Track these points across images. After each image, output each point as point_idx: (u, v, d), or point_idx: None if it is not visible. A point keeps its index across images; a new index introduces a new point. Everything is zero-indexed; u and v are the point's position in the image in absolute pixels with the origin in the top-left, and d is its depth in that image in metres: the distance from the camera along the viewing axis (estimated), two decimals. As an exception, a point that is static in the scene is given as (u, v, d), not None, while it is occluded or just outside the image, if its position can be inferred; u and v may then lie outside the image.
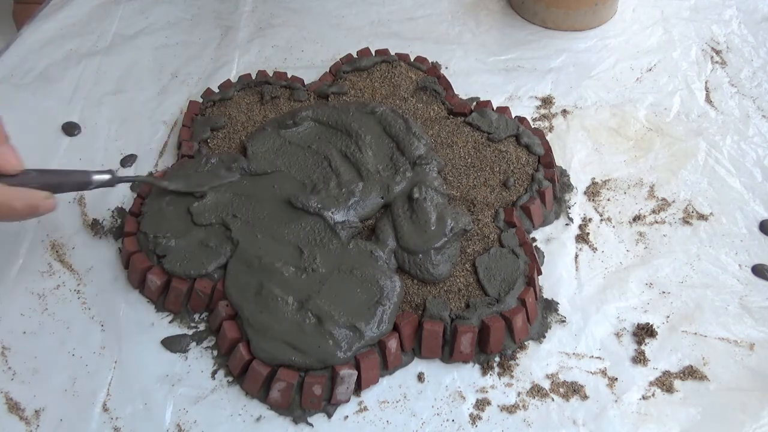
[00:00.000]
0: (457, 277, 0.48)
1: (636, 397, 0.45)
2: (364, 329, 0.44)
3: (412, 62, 0.65)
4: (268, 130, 0.57)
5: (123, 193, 0.57)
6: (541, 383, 0.45)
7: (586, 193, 0.57)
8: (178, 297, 0.48)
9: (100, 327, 0.48)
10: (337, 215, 0.50)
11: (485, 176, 0.55)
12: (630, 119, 0.63)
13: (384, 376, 0.46)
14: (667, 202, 0.56)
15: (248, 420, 0.44)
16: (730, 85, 0.66)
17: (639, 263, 0.52)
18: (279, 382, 0.43)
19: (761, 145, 0.60)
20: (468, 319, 0.46)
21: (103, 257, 0.52)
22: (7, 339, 0.48)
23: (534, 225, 0.54)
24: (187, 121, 0.60)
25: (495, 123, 0.58)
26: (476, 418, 0.44)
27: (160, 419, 0.44)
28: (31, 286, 0.51)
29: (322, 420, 0.44)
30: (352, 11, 0.75)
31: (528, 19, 0.74)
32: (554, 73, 0.67)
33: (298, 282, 0.47)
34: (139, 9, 0.75)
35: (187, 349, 0.47)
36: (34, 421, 0.44)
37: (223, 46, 0.71)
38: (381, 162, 0.54)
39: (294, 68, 0.67)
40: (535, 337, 0.48)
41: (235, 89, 0.62)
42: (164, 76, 0.68)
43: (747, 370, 0.46)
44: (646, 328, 0.48)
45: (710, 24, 0.73)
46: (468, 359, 0.46)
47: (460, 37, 0.72)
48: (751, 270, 0.52)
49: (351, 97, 0.62)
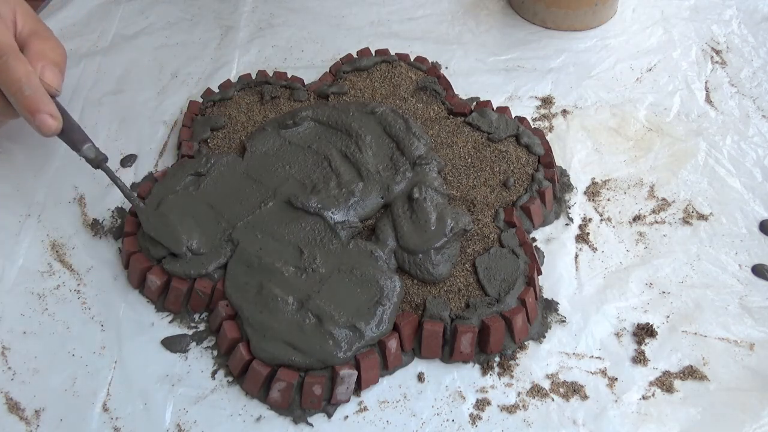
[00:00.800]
0: (457, 277, 0.49)
1: (636, 397, 0.45)
2: (364, 329, 0.44)
3: (412, 62, 0.65)
4: (268, 130, 0.57)
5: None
6: (541, 383, 0.45)
7: (586, 193, 0.57)
8: (178, 297, 0.48)
9: (100, 327, 0.48)
10: (337, 215, 0.50)
11: (485, 176, 0.55)
12: (630, 119, 0.63)
13: (384, 376, 0.46)
14: (667, 202, 0.56)
15: (248, 420, 0.44)
16: (730, 85, 0.66)
17: (639, 263, 0.52)
18: (279, 382, 0.43)
19: (761, 145, 0.60)
20: (468, 319, 0.46)
21: (103, 257, 0.52)
22: (7, 339, 0.48)
23: (534, 225, 0.54)
24: (187, 121, 0.60)
25: (495, 123, 0.58)
26: (476, 418, 0.44)
27: (160, 419, 0.44)
28: (31, 286, 0.51)
29: (322, 420, 0.44)
30: (352, 11, 0.75)
31: (528, 19, 0.73)
32: (554, 73, 0.67)
33: (298, 282, 0.47)
34: (139, 9, 0.75)
35: (187, 349, 0.47)
36: (34, 421, 0.44)
37: (223, 46, 0.71)
38: (381, 162, 0.54)
39: (294, 68, 0.67)
40: (535, 337, 0.48)
41: (235, 89, 0.62)
42: (164, 76, 0.68)
43: (747, 370, 0.46)
44: (646, 328, 0.48)
45: (710, 24, 0.73)
46: (468, 359, 0.46)
47: (460, 37, 0.72)
48: (751, 270, 0.52)
49: (351, 97, 0.62)
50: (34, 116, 0.46)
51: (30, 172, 0.58)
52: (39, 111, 0.46)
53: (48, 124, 0.47)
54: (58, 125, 0.47)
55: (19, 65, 0.46)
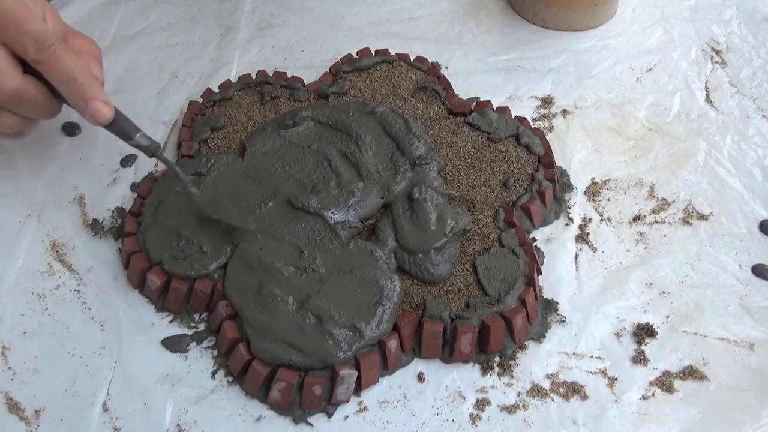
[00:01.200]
0: (457, 277, 0.48)
1: (636, 397, 0.45)
2: (364, 329, 0.44)
3: (412, 62, 0.65)
4: (268, 130, 0.57)
5: (123, 193, 0.57)
6: (541, 383, 0.45)
7: (586, 193, 0.57)
8: (178, 297, 0.48)
9: (100, 327, 0.48)
10: (337, 215, 0.50)
11: (485, 176, 0.55)
12: (630, 119, 0.63)
13: (384, 376, 0.46)
14: (667, 202, 0.56)
15: (248, 420, 0.44)
16: (730, 85, 0.66)
17: (639, 263, 0.52)
18: (279, 382, 0.43)
19: (761, 145, 0.60)
20: (468, 319, 0.46)
21: (103, 257, 0.52)
22: (7, 339, 0.48)
23: (534, 225, 0.54)
24: (187, 121, 0.60)
25: (495, 123, 0.58)
26: (476, 418, 0.44)
27: (160, 419, 0.44)
28: (31, 286, 0.51)
29: (322, 420, 0.44)
30: (352, 11, 0.75)
31: (528, 19, 0.73)
32: (554, 73, 0.67)
33: (298, 282, 0.47)
34: (139, 9, 0.75)
35: (187, 349, 0.47)
36: (34, 421, 0.44)
37: (223, 46, 0.71)
38: (381, 162, 0.54)
39: (294, 68, 0.67)
40: (535, 337, 0.48)
41: (235, 89, 0.62)
42: (164, 76, 0.68)
43: (747, 370, 0.46)
44: (646, 328, 0.48)
45: (710, 24, 0.73)
46: (468, 359, 0.46)
47: (460, 37, 0.72)
48: (751, 270, 0.52)
49: (351, 97, 0.62)
50: (88, 103, 0.46)
51: (30, 172, 0.58)
52: (93, 98, 0.46)
53: (103, 112, 0.47)
54: (112, 113, 0.47)
55: (68, 55, 0.46)
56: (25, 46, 0.44)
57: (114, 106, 0.48)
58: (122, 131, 0.49)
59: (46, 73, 0.46)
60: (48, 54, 0.44)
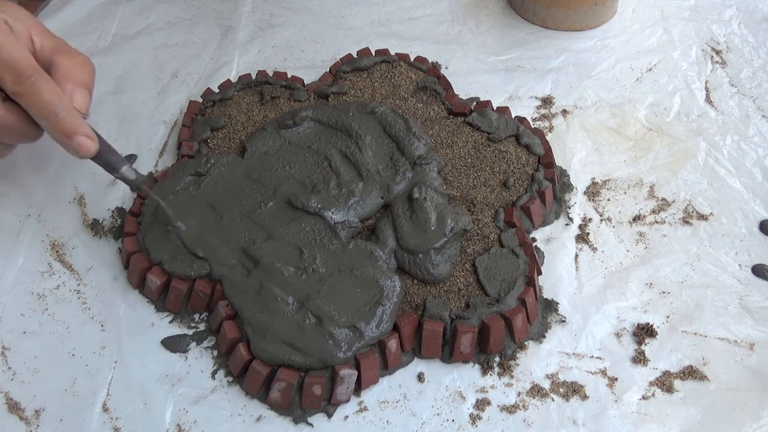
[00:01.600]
0: (457, 277, 0.48)
1: (636, 397, 0.45)
2: (364, 329, 0.44)
3: (412, 62, 0.65)
4: (268, 130, 0.57)
5: (123, 193, 0.57)
6: (541, 383, 0.45)
7: (586, 193, 0.57)
8: (178, 297, 0.48)
9: (100, 327, 0.48)
10: (337, 215, 0.50)
11: (485, 176, 0.55)
12: (630, 119, 0.63)
13: (384, 376, 0.46)
14: (667, 202, 0.56)
15: (248, 420, 0.44)
16: (730, 85, 0.66)
17: (639, 263, 0.52)
18: (279, 382, 0.43)
19: (761, 145, 0.60)
20: (468, 319, 0.46)
21: (103, 257, 0.52)
22: (7, 339, 0.48)
23: (534, 225, 0.54)
24: (187, 121, 0.60)
25: (495, 123, 0.58)
26: (476, 418, 0.44)
27: (160, 419, 0.44)
28: (31, 286, 0.51)
29: (322, 420, 0.44)
30: (352, 11, 0.75)
31: (528, 19, 0.73)
32: (554, 73, 0.67)
33: (298, 282, 0.47)
34: (139, 9, 0.75)
35: (187, 349, 0.47)
36: (34, 421, 0.44)
37: (223, 46, 0.71)
38: (381, 162, 0.54)
39: (294, 68, 0.67)
40: (535, 337, 0.48)
41: (235, 89, 0.62)
42: (164, 76, 0.68)
43: (747, 370, 0.46)
44: (646, 328, 0.48)
45: (710, 24, 0.73)
46: (468, 359, 0.46)
47: (460, 37, 0.72)
48: (751, 270, 0.52)
49: (351, 97, 0.62)
50: (71, 139, 0.44)
51: (30, 172, 0.58)
52: (76, 133, 0.44)
53: (87, 146, 0.45)
54: (96, 146, 0.45)
55: (48, 87, 0.43)
56: (2, 77, 0.42)
57: (98, 139, 0.46)
58: (107, 164, 0.47)
59: (25, 106, 0.43)
60: (26, 86, 0.42)
